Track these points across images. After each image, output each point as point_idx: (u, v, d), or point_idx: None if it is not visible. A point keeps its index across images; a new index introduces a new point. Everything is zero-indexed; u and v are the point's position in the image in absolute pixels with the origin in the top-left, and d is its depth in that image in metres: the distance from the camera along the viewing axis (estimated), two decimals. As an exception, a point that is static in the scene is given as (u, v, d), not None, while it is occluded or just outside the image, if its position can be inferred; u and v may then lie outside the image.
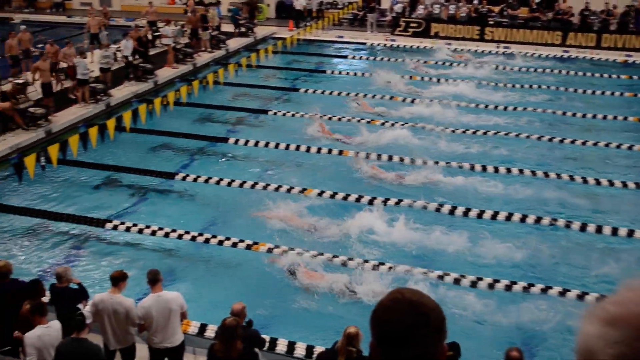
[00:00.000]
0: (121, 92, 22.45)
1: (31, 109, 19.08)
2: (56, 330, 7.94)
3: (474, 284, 11.81)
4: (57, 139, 17.88)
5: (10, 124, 18.56)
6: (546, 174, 16.35)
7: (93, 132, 16.46)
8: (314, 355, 9.42)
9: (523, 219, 14.16)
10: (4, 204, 15.17)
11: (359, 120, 19.95)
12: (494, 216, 14.27)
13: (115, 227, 13.95)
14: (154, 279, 8.54)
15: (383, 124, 19.75)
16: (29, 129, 18.72)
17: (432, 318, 1.93)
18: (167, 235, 13.59)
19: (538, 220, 14.13)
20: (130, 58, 23.54)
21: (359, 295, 11.26)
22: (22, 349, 8.13)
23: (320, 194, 15.29)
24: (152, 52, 26.52)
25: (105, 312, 8.56)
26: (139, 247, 13.34)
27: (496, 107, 21.41)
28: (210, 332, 10.18)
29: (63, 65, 22.17)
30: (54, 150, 15.14)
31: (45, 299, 9.00)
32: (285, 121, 20.45)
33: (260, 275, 12.26)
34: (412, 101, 22.02)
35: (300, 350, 9.97)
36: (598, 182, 16.04)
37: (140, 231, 13.78)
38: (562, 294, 11.54)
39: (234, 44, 29.22)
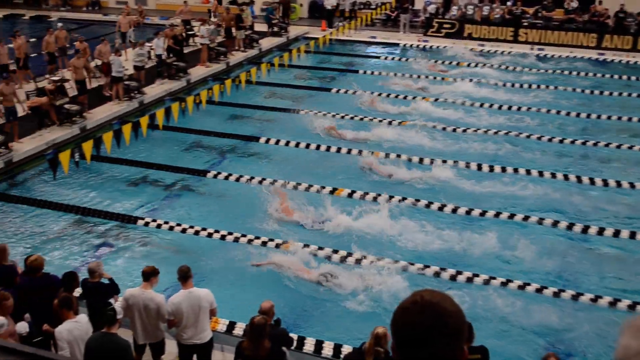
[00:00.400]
0: (154, 90, 22.69)
1: (67, 106, 19.36)
2: (85, 324, 8.03)
3: (503, 285, 11.74)
4: (91, 135, 18.14)
5: (46, 120, 18.87)
6: (579, 179, 16.17)
7: (126, 129, 16.65)
8: (342, 355, 9.43)
9: (555, 224, 14.03)
10: (37, 198, 15.44)
11: (390, 122, 19.92)
12: (525, 218, 14.18)
13: (146, 224, 14.10)
14: (185, 276, 8.58)
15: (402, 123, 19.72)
16: (63, 125, 19.02)
17: (450, 321, 1.93)
18: (197, 233, 13.71)
19: (570, 226, 13.99)
20: (164, 56, 23.77)
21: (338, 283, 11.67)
22: (53, 342, 8.25)
23: (351, 194, 15.33)
24: (185, 50, 26.78)
25: (136, 307, 8.65)
26: (170, 244, 13.49)
27: (529, 108, 21.23)
28: (239, 329, 10.25)
29: (98, 62, 22.47)
30: (87, 147, 15.35)
31: (76, 293, 9.11)
32: (317, 120, 20.46)
33: (290, 274, 12.30)
34: (436, 100, 22.00)
35: (327, 349, 9.99)
36: (632, 186, 15.85)
37: (171, 228, 13.92)
38: (594, 300, 11.42)
39: (266, 43, 29.35)
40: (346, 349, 9.64)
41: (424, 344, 1.92)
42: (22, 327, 8.43)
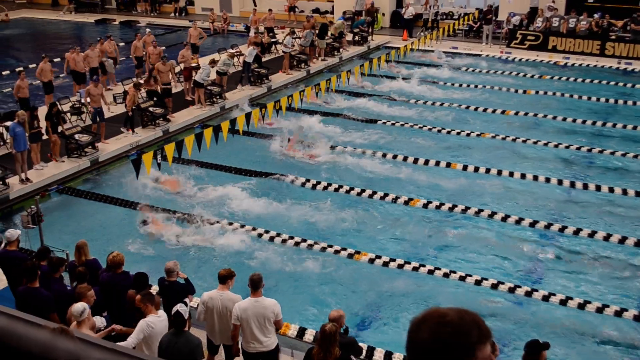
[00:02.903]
0: (236, 96, 23.14)
1: (151, 109, 19.98)
2: (164, 321, 8.26)
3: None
4: (174, 138, 18.65)
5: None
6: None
7: (208, 133, 17.03)
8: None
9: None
10: (115, 197, 16.01)
11: (478, 135, 19.73)
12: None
13: (222, 228, 14.40)
14: (257, 284, 8.57)
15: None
16: (147, 128, 19.66)
17: (458, 339, 1.93)
18: (272, 239, 13.89)
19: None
20: (253, 65, 24.15)
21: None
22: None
23: (426, 204, 15.29)
24: (267, 57, 27.25)
25: (216, 309, 8.82)
26: (243, 249, 13.65)
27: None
28: (309, 335, 10.35)
29: (181, 66, 23.11)
30: (170, 149, 15.79)
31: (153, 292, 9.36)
32: (394, 130, 20.45)
33: (361, 283, 12.35)
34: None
35: (397, 360, 9.99)
36: None
37: (247, 232, 14.16)
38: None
39: (347, 52, 29.52)
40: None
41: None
42: (100, 321, 8.74)
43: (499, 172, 17.09)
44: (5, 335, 1.69)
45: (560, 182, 16.55)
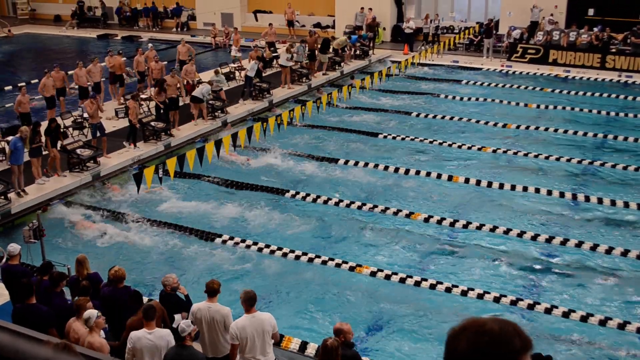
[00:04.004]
0: (238, 110, 23.20)
1: (152, 123, 20.01)
2: (158, 338, 8.16)
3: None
4: (175, 152, 18.68)
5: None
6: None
7: (210, 147, 17.07)
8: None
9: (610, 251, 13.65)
10: (117, 211, 16.04)
11: (469, 147, 19.79)
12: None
13: (224, 242, 14.43)
14: (251, 301, 8.49)
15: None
16: (148, 142, 19.70)
17: (498, 348, 1.91)
18: (272, 252, 13.91)
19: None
20: (255, 80, 24.18)
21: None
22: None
23: (428, 218, 15.28)
24: (268, 72, 27.32)
25: (205, 320, 8.82)
26: (242, 263, 13.69)
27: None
28: (312, 349, 10.33)
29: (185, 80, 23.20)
30: (171, 163, 15.81)
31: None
32: (396, 144, 20.49)
33: (365, 296, 12.34)
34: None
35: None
36: None
37: (248, 247, 14.18)
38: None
39: (348, 66, 29.61)
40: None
41: None
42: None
43: (501, 186, 17.10)
44: (8, 351, 1.70)
45: (562, 195, 16.56)
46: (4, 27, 39.61)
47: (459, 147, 19.97)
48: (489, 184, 17.22)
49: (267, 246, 14.10)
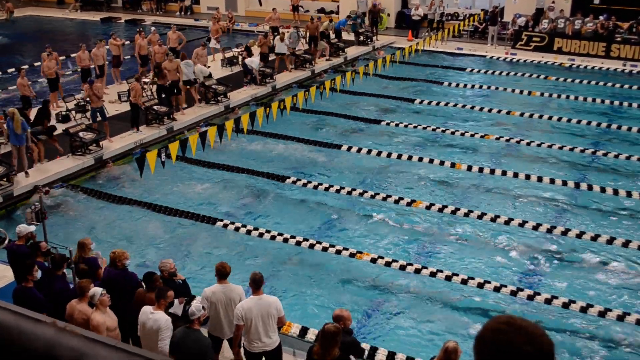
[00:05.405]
0: (240, 95, 23.16)
1: (155, 107, 19.98)
2: (155, 321, 8.21)
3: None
4: (178, 137, 18.66)
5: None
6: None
7: (212, 132, 17.05)
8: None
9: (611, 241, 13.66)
10: (121, 196, 16.06)
11: (472, 135, 19.76)
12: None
13: (224, 226, 14.45)
14: (259, 283, 8.51)
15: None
16: (151, 126, 19.68)
17: (524, 351, 1.91)
18: (273, 238, 13.91)
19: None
20: (260, 70, 24.07)
21: None
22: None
23: (429, 206, 15.30)
24: (272, 57, 27.21)
25: (220, 302, 8.79)
26: (246, 248, 13.72)
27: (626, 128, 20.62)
28: (312, 335, 10.35)
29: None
30: (174, 148, 15.80)
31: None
32: (398, 131, 20.47)
33: (365, 283, 12.37)
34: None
35: (399, 361, 9.99)
36: None
37: (249, 232, 14.19)
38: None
39: (352, 52, 29.51)
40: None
41: None
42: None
43: (504, 173, 17.08)
44: (10, 331, 1.70)
45: (564, 183, 16.54)
46: (3, 6, 39.33)
47: (462, 134, 19.93)
48: (492, 171, 17.20)
49: (268, 231, 14.12)
